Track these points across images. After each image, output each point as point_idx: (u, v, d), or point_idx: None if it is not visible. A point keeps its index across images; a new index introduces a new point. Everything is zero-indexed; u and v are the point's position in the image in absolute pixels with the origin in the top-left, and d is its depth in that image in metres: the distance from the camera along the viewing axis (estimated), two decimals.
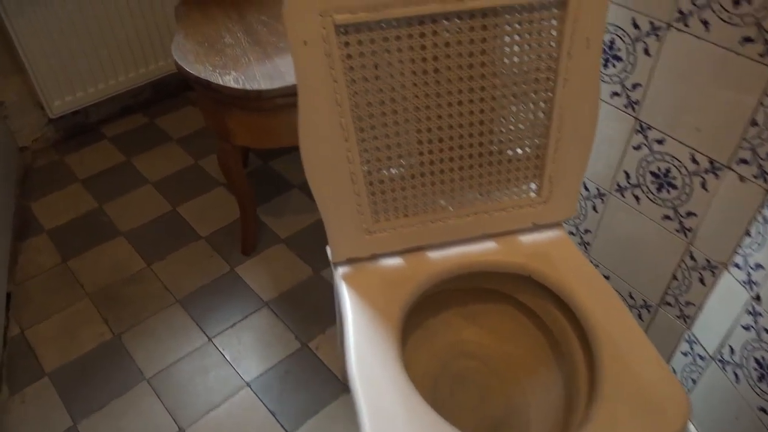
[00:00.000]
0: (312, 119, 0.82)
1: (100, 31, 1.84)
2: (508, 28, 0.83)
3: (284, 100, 1.26)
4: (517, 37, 0.84)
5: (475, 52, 0.84)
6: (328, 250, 0.96)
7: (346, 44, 0.79)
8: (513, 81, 0.88)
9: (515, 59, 0.86)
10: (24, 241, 1.67)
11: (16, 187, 1.81)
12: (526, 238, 1.00)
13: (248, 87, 1.23)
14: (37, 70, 1.77)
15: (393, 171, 0.91)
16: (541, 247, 0.98)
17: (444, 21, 0.81)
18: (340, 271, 0.95)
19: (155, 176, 1.87)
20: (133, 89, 2.05)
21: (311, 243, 1.65)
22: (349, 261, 0.96)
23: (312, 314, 1.46)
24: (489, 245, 0.99)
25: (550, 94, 0.89)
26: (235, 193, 1.52)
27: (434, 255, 0.97)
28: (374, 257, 0.97)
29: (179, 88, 2.22)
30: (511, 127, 0.92)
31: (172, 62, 2.03)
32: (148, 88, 2.13)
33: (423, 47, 0.82)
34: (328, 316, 1.45)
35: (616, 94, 0.99)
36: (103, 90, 1.95)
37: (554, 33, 0.85)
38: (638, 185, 1.03)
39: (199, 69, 1.26)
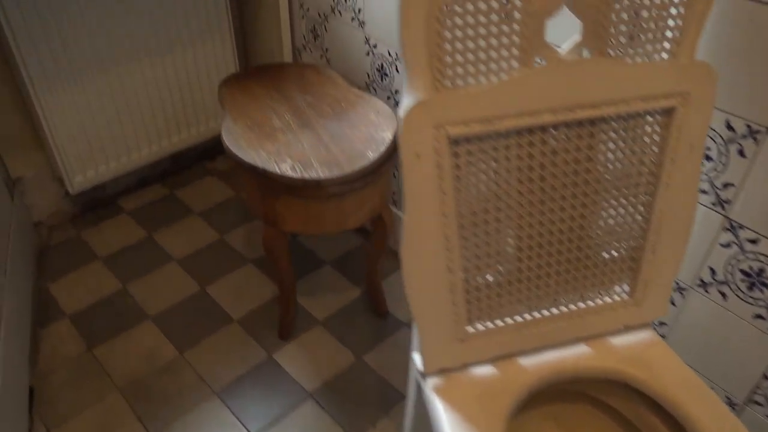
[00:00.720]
0: (417, 231, 0.78)
1: (127, 107, 1.80)
2: (614, 135, 0.82)
3: (340, 188, 1.22)
4: (621, 144, 0.82)
5: (580, 159, 0.82)
6: (416, 359, 0.91)
7: (456, 155, 0.76)
8: (614, 185, 0.85)
9: (618, 164, 0.84)
10: (45, 328, 1.58)
11: (34, 267, 1.72)
12: (618, 341, 0.96)
13: (307, 176, 1.19)
14: (61, 146, 1.71)
15: (490, 278, 0.87)
16: (635, 350, 0.94)
17: (552, 130, 0.79)
18: (430, 383, 0.89)
19: (180, 253, 1.80)
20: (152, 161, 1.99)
21: (349, 325, 1.58)
22: (441, 371, 0.90)
23: (359, 405, 1.39)
24: (581, 349, 0.95)
25: (649, 197, 0.87)
26: (277, 277, 1.46)
27: (526, 362, 0.93)
28: (465, 366, 0.91)
29: (197, 158, 2.18)
30: (608, 230, 0.89)
31: (193, 134, 2.01)
32: (166, 159, 2.08)
33: (531, 156, 0.79)
34: (377, 407, 1.38)
35: (703, 191, 0.97)
36: (125, 164, 1.89)
37: (658, 139, 0.83)
38: (725, 282, 1.00)
39: (254, 156, 1.22)
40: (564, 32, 0.81)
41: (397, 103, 1.53)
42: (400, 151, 0.73)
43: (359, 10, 1.50)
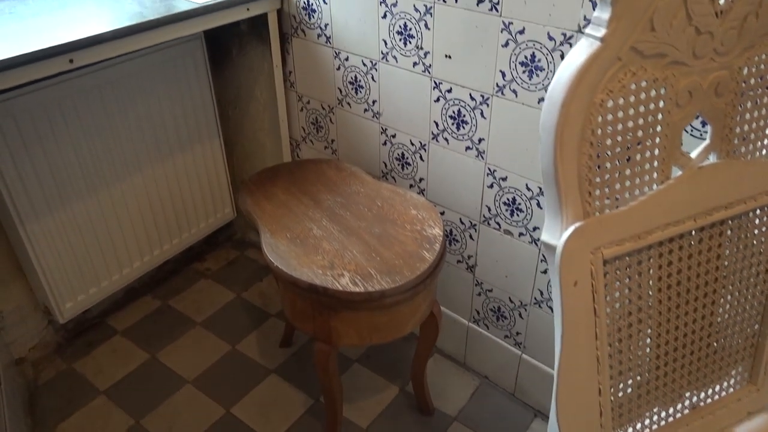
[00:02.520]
0: (572, 356, 0.73)
1: (116, 222, 1.66)
2: (740, 230, 0.81)
3: (402, 296, 1.15)
4: (745, 237, 0.82)
5: (711, 258, 0.80)
6: None
7: (606, 274, 0.72)
8: (738, 276, 0.84)
9: (742, 257, 0.83)
10: None
11: (25, 415, 1.51)
12: (742, 430, 0.93)
13: (370, 289, 1.11)
14: (49, 273, 1.53)
15: (629, 390, 0.83)
16: None
17: (688, 235, 0.77)
18: None
19: (191, 373, 1.65)
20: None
21: (397, 428, 1.48)
22: None
23: None
24: None
25: None
26: (325, 395, 1.35)
27: None
28: None
29: (185, 261, 2.03)
30: (730, 319, 0.87)
31: (185, 239, 1.88)
32: (153, 269, 1.92)
33: (670, 263, 0.77)
34: None
35: None
36: (117, 281, 1.73)
37: None
38: None
39: (310, 275, 1.13)
40: None
41: (422, 191, 1.49)
42: (557, 280, 0.68)
43: (374, 102, 1.47)
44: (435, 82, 1.31)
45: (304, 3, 1.49)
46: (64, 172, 1.48)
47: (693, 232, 0.77)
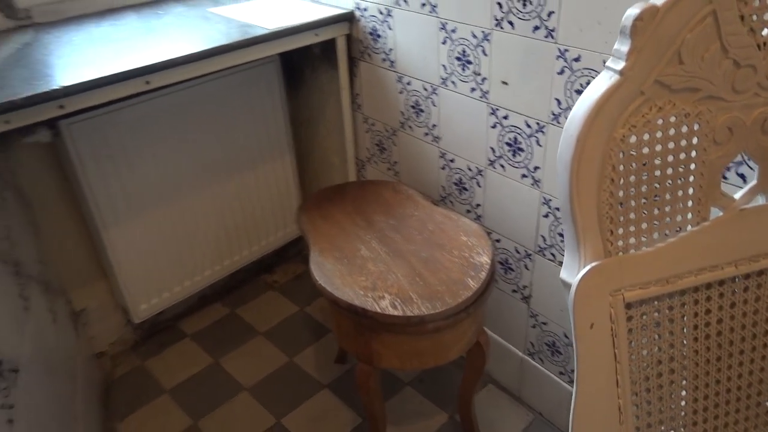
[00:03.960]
0: (590, 403, 0.69)
1: (191, 232, 1.76)
2: None
3: (444, 323, 1.14)
4: None
5: (759, 309, 0.73)
6: None
7: (629, 319, 0.68)
8: None
9: None
10: None
11: (100, 408, 1.63)
12: None
13: (409, 313, 1.11)
14: (126, 277, 1.66)
15: None
16: None
17: (731, 282, 0.71)
18: None
19: (249, 380, 1.71)
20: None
21: None
22: None
23: None
24: None
25: None
26: (367, 415, 1.35)
27: None
28: None
29: (255, 272, 2.12)
30: None
31: (254, 251, 1.96)
32: (225, 277, 2.02)
33: (708, 311, 0.71)
34: None
35: None
36: (188, 287, 1.83)
37: None
38: None
39: (350, 295, 1.15)
40: None
41: (478, 217, 1.47)
42: (572, 320, 0.65)
43: (433, 126, 1.48)
44: (492, 108, 1.29)
45: (371, 29, 1.52)
46: (143, 183, 1.60)
47: (736, 279, 0.71)
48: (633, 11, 0.56)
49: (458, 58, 1.32)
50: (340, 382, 1.69)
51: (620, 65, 0.58)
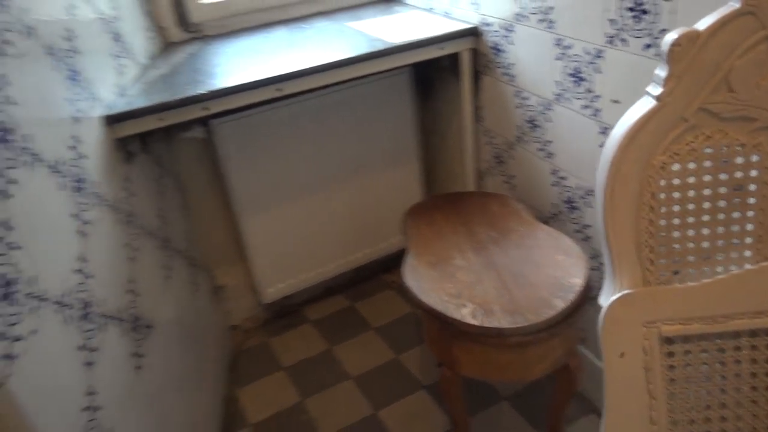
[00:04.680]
0: None
1: (318, 226, 1.93)
2: None
3: (523, 339, 1.13)
4: None
5: None
6: None
7: (670, 354, 0.65)
8: None
9: None
10: None
11: (227, 373, 1.85)
12: None
13: (487, 324, 1.13)
14: (258, 261, 1.86)
15: None
16: None
17: None
18: None
19: (356, 370, 1.82)
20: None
21: None
22: None
23: None
24: None
25: None
26: (451, 415, 1.38)
27: None
28: None
29: (378, 270, 2.23)
30: None
31: (376, 250, 2.06)
32: (350, 271, 2.16)
33: None
34: None
35: None
36: (313, 277, 2.00)
37: None
38: None
39: (434, 299, 1.20)
40: None
41: (587, 239, 1.43)
42: (601, 348, 0.64)
43: (548, 142, 1.46)
44: (602, 127, 1.25)
45: (494, 43, 1.55)
46: (280, 178, 1.79)
47: None
48: (671, 36, 0.55)
49: (571, 75, 1.30)
50: (439, 385, 1.73)
51: (658, 91, 0.57)
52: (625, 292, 0.63)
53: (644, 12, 1.07)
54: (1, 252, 0.79)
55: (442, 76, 1.83)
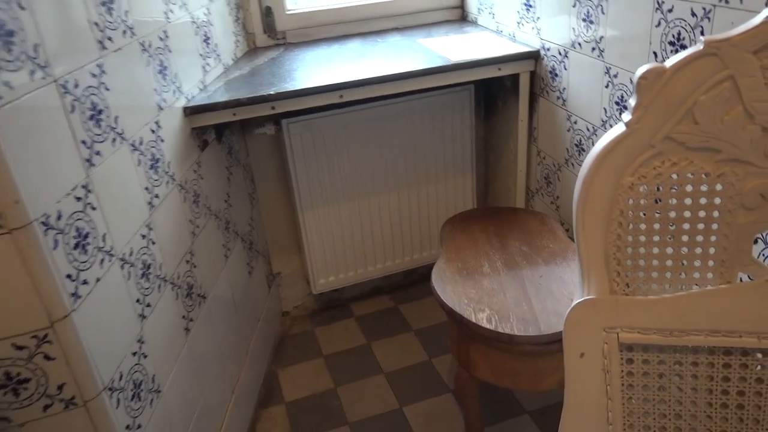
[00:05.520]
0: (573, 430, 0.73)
1: (371, 227, 2.04)
2: None
3: (534, 348, 1.19)
4: None
5: None
6: None
7: (629, 361, 0.70)
8: None
9: None
10: (265, 409, 1.80)
11: (271, 352, 2.00)
12: None
13: (500, 329, 1.19)
14: (312, 253, 2.00)
15: None
16: None
17: (758, 355, 0.68)
18: None
19: (389, 366, 1.91)
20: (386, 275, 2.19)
21: None
22: None
23: None
24: None
25: None
26: (465, 416, 1.45)
27: None
28: None
29: (426, 276, 2.31)
30: None
31: (424, 256, 2.15)
32: (399, 273, 2.26)
33: (726, 379, 0.69)
34: None
35: None
36: (362, 274, 2.12)
37: None
38: None
39: (455, 301, 1.28)
40: None
41: None
42: (564, 346, 0.71)
43: None
44: None
45: (551, 68, 1.61)
46: (339, 178, 1.92)
47: (761, 355, 0.67)
48: (640, 70, 0.61)
49: (617, 102, 1.34)
50: None
51: (628, 118, 0.64)
52: (588, 297, 0.69)
53: (683, 47, 1.11)
54: (80, 209, 0.96)
55: (505, 97, 1.90)
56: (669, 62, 0.61)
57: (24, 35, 0.85)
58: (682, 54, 0.60)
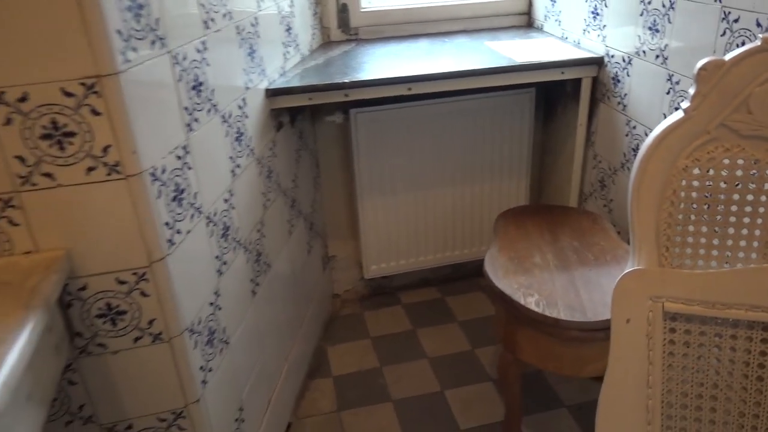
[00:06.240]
0: (617, 393, 0.80)
1: (424, 220, 2.13)
2: None
3: (579, 334, 1.25)
4: None
5: None
6: None
7: (672, 330, 0.77)
8: None
9: None
10: (313, 380, 1.91)
11: (322, 329, 2.11)
12: None
13: (547, 313, 1.26)
14: (367, 239, 2.10)
15: None
16: None
17: None
18: None
19: (433, 352, 1.99)
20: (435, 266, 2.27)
21: None
22: None
23: None
24: None
25: None
26: (505, 401, 1.51)
27: None
28: None
29: (474, 272, 2.38)
30: None
31: (475, 252, 2.22)
32: (448, 266, 2.34)
33: (764, 353, 0.75)
34: None
35: None
36: (412, 264, 2.20)
37: None
38: None
39: (506, 286, 1.35)
40: None
41: None
42: (611, 313, 0.78)
43: None
44: None
45: (614, 74, 1.66)
46: (398, 170, 2.02)
47: None
48: (701, 62, 0.69)
49: (677, 108, 1.39)
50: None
51: (686, 105, 0.71)
52: (637, 267, 0.76)
53: None
54: (179, 167, 1.08)
55: (565, 102, 1.96)
56: (728, 56, 0.67)
57: (150, 9, 0.98)
58: (741, 49, 0.67)
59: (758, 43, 0.66)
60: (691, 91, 0.70)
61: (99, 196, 0.95)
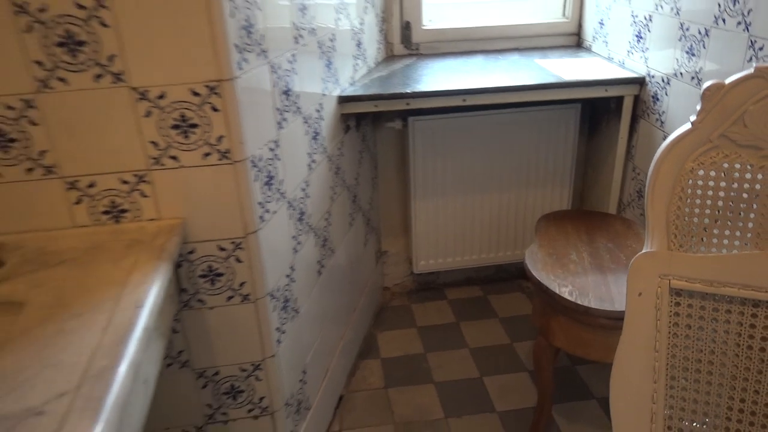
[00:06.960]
0: (629, 355, 0.96)
1: (470, 221, 2.30)
2: None
3: (607, 322, 1.40)
4: None
5: None
6: None
7: (677, 304, 0.93)
8: None
9: None
10: (363, 360, 2.10)
11: (372, 317, 2.31)
12: None
13: (579, 302, 1.42)
14: (417, 237, 2.30)
15: (695, 425, 0.97)
16: None
17: None
18: None
19: (474, 343, 2.16)
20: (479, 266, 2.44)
21: None
22: None
23: None
24: None
25: None
26: (538, 385, 1.67)
27: None
28: None
29: (516, 274, 2.54)
30: None
31: (518, 254, 2.38)
32: (492, 267, 2.50)
33: (753, 326, 0.90)
34: None
35: None
36: (459, 262, 2.38)
37: None
38: None
39: (543, 276, 1.52)
40: None
41: None
42: (627, 287, 0.95)
43: None
44: None
45: (654, 93, 1.81)
46: (449, 175, 2.21)
47: None
48: (705, 85, 0.85)
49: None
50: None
51: (693, 118, 0.88)
52: (650, 250, 0.92)
53: None
54: (271, 158, 1.31)
55: (609, 118, 2.11)
56: (728, 80, 0.84)
57: (257, 27, 1.21)
58: (738, 74, 0.83)
59: (752, 71, 0.83)
60: (698, 107, 0.87)
61: (211, 177, 1.17)
